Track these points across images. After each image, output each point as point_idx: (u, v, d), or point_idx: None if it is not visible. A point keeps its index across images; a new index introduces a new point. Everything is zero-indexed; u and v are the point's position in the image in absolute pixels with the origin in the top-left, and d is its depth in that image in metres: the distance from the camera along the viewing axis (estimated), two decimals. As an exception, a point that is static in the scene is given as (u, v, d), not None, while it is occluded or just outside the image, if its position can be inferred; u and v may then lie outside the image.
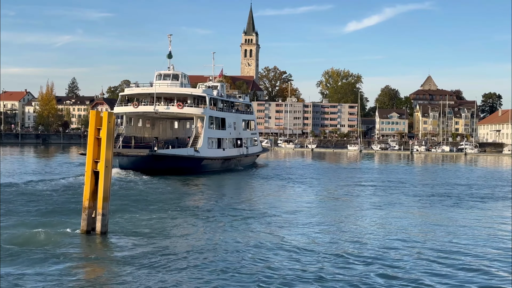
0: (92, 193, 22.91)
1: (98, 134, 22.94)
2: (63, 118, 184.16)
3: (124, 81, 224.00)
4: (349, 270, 19.07)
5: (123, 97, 64.44)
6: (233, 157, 68.47)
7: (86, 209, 23.09)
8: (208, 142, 60.86)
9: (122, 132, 61.78)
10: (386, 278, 18.26)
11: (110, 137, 22.74)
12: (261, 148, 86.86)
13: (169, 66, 64.12)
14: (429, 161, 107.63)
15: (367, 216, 31.33)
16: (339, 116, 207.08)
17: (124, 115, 62.45)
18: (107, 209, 23.14)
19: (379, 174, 65.58)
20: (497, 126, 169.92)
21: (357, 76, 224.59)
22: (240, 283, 17.41)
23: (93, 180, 22.91)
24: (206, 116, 60.06)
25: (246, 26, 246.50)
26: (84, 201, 23.12)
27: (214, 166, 62.14)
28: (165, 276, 17.85)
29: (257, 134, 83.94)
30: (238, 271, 18.72)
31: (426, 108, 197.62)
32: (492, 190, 48.18)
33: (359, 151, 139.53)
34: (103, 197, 22.65)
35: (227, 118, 67.76)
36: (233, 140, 70.15)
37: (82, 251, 21.00)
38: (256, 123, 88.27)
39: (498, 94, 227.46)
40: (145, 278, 17.52)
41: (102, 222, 22.91)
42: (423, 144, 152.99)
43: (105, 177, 22.64)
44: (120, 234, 23.73)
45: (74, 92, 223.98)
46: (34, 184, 42.32)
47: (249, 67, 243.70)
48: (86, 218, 23.12)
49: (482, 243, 24.06)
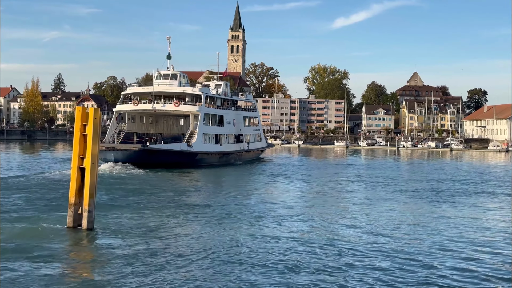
0: (78, 189, 22.84)
1: (84, 130, 22.85)
2: (49, 114, 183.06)
3: (111, 77, 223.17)
4: (341, 265, 19.18)
5: (125, 96, 68.52)
6: (232, 152, 71.61)
7: (72, 205, 23.02)
8: (204, 138, 64.24)
9: (124, 129, 65.46)
10: (370, 271, 18.41)
11: (96, 133, 22.65)
12: (265, 143, 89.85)
13: (168, 67, 68.26)
14: (415, 156, 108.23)
15: (355, 211, 31.44)
16: (326, 112, 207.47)
17: (126, 113, 66.27)
18: (93, 205, 23.07)
19: (366, 170, 65.89)
20: (482, 122, 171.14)
21: (343, 72, 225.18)
22: (225, 280, 17.45)
23: (79, 176, 22.82)
24: (201, 113, 63.46)
25: (233, 22, 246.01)
26: (70, 197, 23.04)
27: (211, 160, 65.28)
28: (149, 273, 17.78)
29: (261, 131, 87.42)
30: (222, 268, 18.75)
31: (412, 104, 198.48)
32: (478, 185, 48.60)
33: (346, 147, 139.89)
34: (89, 193, 22.57)
35: (226, 115, 71.07)
36: (233, 136, 73.46)
37: (67, 248, 20.91)
38: (260, 120, 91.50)
39: (483, 90, 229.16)
40: (129, 275, 17.44)
41: (88, 218, 22.84)
42: (409, 139, 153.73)
43: (91, 173, 22.56)
44: (106, 230, 23.67)
45: (60, 88, 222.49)
46: (19, 178, 42.15)
47: (235, 63, 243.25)
48: (72, 215, 23.05)
49: (469, 236, 24.29)
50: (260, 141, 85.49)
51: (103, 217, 26.21)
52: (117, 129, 64.69)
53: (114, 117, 66.09)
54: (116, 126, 65.20)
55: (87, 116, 22.84)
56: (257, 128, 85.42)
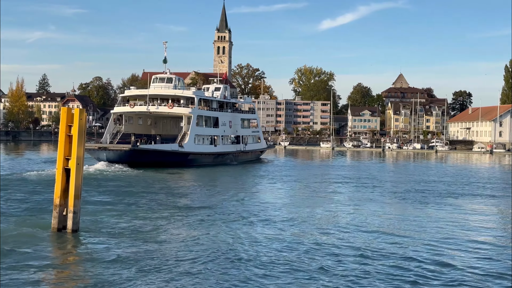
0: (63, 190, 22.68)
1: (70, 131, 22.71)
2: (34, 115, 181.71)
3: (96, 77, 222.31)
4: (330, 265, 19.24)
5: (123, 98, 72.32)
6: (228, 152, 74.23)
7: (57, 207, 22.84)
8: (197, 138, 67.27)
9: (121, 130, 68.67)
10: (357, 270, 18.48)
11: (82, 134, 22.51)
12: (265, 144, 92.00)
13: (165, 71, 72.83)
14: (401, 158, 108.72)
15: (341, 212, 31.51)
16: (312, 114, 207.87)
17: (123, 115, 69.29)
18: (79, 207, 22.91)
19: (352, 171, 66.13)
20: (467, 124, 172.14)
21: (329, 74, 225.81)
22: (213, 282, 17.42)
23: (64, 177, 22.67)
24: (194, 115, 66.56)
25: (219, 23, 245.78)
26: (55, 198, 22.86)
27: (204, 160, 67.85)
28: (135, 275, 17.69)
29: (260, 132, 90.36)
30: (209, 270, 18.73)
31: (397, 106, 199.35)
32: (461, 186, 48.94)
33: (332, 148, 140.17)
34: (75, 195, 22.41)
35: (221, 117, 74.10)
36: (229, 137, 76.54)
37: (51, 250, 20.78)
38: (260, 122, 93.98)
39: (468, 92, 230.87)
40: (111, 278, 17.34)
41: (74, 219, 22.68)
42: (395, 141, 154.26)
43: (77, 174, 22.41)
44: (92, 232, 23.53)
45: (45, 88, 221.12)
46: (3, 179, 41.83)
47: (222, 65, 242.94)
48: (57, 216, 22.87)
49: (455, 236, 24.47)
50: (260, 142, 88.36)
51: (88, 218, 26.06)
52: (114, 130, 68.42)
53: (112, 119, 69.53)
54: (114, 127, 68.88)
55: (72, 117, 22.70)
56: (256, 130, 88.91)
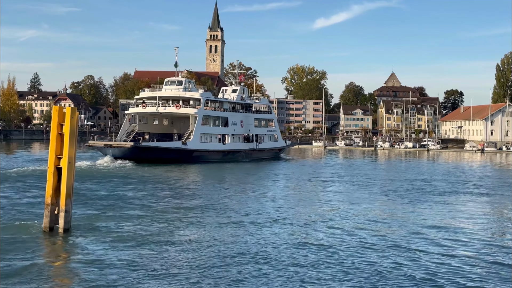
0: (54, 189, 22.60)
1: (61, 130, 22.63)
2: (25, 113, 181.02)
3: (88, 76, 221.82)
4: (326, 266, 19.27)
5: (137, 99, 78.70)
6: (238, 150, 78.85)
7: (48, 206, 22.74)
8: (203, 137, 72.49)
9: (135, 129, 74.93)
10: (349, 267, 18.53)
11: (73, 133, 22.43)
12: (283, 143, 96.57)
13: (176, 74, 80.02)
14: (393, 157, 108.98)
15: (335, 210, 31.57)
16: (304, 113, 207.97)
17: (137, 115, 75.41)
18: (70, 206, 22.85)
19: (344, 170, 66.24)
20: (459, 123, 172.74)
21: (322, 72, 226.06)
22: (211, 281, 17.42)
23: (56, 176, 22.59)
24: (199, 115, 71.92)
25: (211, 21, 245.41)
26: (47, 197, 22.76)
27: (210, 157, 72.45)
28: (125, 275, 17.68)
29: (277, 131, 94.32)
30: (207, 270, 18.72)
31: (389, 104, 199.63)
32: (452, 185, 49.13)
33: (324, 147, 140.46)
34: (66, 194, 22.34)
35: (231, 117, 79.62)
36: (240, 136, 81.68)
37: (42, 249, 20.71)
38: (277, 122, 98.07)
39: (460, 91, 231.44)
40: (103, 277, 17.34)
41: (65, 219, 22.61)
42: (387, 140, 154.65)
43: (68, 173, 22.34)
44: (83, 231, 23.46)
45: (37, 87, 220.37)
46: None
47: (214, 63, 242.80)
48: (48, 215, 22.78)
49: (449, 232, 24.58)
50: (277, 141, 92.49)
51: (79, 216, 26.00)
52: (129, 129, 74.95)
53: (127, 119, 76.30)
54: (129, 127, 75.42)
55: (64, 116, 22.64)
56: (272, 129, 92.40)
